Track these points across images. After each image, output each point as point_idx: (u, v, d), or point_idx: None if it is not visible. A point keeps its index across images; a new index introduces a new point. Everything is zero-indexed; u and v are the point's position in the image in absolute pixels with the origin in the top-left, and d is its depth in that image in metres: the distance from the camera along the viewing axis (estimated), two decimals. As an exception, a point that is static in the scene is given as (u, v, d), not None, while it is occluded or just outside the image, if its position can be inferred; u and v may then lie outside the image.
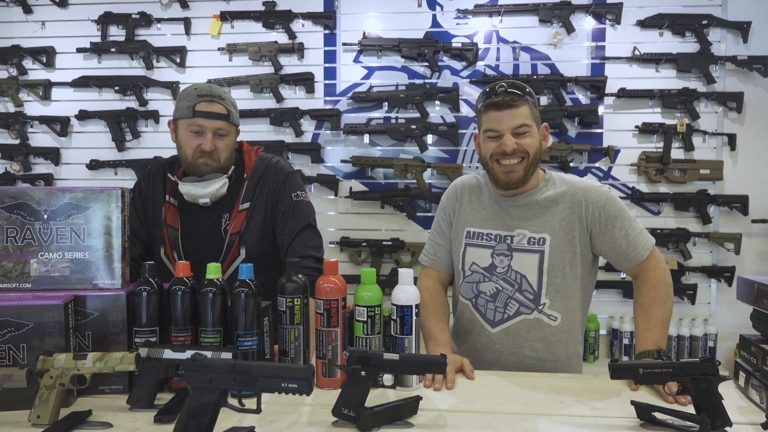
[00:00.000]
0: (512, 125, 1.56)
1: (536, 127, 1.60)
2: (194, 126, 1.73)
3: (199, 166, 1.75)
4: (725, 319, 3.12)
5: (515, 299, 1.63)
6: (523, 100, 1.56)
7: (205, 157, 1.74)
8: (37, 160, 3.40)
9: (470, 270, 1.69)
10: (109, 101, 3.37)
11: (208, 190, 1.74)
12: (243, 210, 1.79)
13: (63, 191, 1.38)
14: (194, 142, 1.73)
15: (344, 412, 1.15)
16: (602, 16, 3.16)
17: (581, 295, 1.66)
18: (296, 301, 1.36)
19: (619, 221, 1.61)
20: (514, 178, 1.59)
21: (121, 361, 1.20)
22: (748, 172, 3.14)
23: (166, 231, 1.79)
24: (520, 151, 1.57)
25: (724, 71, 3.13)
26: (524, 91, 1.58)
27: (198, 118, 1.72)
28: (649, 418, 1.17)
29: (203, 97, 1.73)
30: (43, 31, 3.39)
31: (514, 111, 1.55)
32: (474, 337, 1.70)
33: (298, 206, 1.82)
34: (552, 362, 1.63)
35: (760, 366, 1.30)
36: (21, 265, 1.36)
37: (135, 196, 1.87)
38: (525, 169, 1.59)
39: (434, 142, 3.26)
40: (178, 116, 1.76)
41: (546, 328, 1.62)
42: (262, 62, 3.29)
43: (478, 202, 1.73)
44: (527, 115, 1.56)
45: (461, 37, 3.23)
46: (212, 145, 1.73)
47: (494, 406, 1.28)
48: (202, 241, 1.78)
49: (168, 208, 1.81)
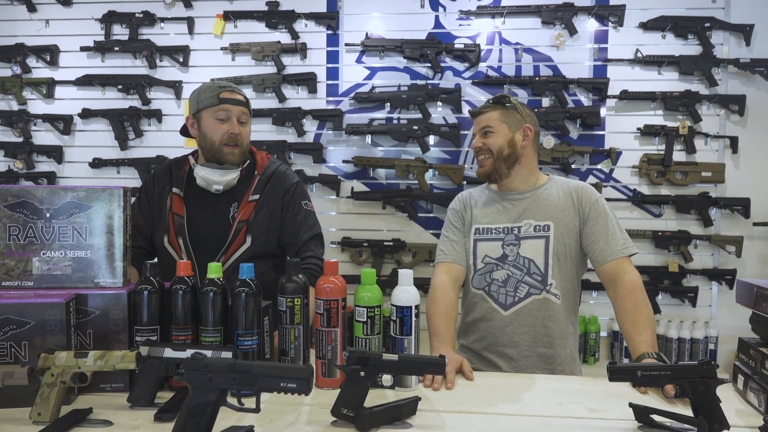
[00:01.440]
0: (479, 127, 1.87)
1: (507, 128, 1.83)
2: (220, 112, 1.84)
3: (225, 154, 1.85)
4: (726, 321, 3.11)
5: (525, 282, 1.78)
6: (491, 108, 1.85)
7: (231, 145, 1.85)
8: (41, 158, 3.42)
9: (483, 262, 1.83)
10: (112, 100, 3.38)
11: (224, 178, 1.85)
12: (252, 201, 1.88)
13: (65, 190, 1.38)
14: (222, 127, 1.84)
15: (343, 412, 1.16)
16: (605, 18, 3.16)
17: (576, 280, 1.84)
18: (296, 300, 1.36)
19: (603, 220, 1.78)
20: (483, 171, 1.87)
21: (122, 359, 1.21)
22: (750, 175, 3.14)
23: (171, 218, 1.87)
24: (485, 149, 1.84)
25: (727, 74, 3.13)
26: (498, 101, 1.86)
27: (224, 104, 1.84)
28: (646, 420, 1.17)
29: (224, 88, 1.87)
30: (47, 30, 3.41)
31: (482, 117, 1.86)
32: (488, 323, 1.81)
33: (309, 216, 1.95)
34: (559, 338, 1.76)
35: (758, 369, 1.30)
36: (23, 263, 1.37)
37: (141, 195, 1.97)
38: (493, 163, 1.84)
39: (436, 143, 3.26)
40: (201, 107, 1.86)
41: (553, 306, 1.77)
42: (265, 62, 3.30)
43: (483, 204, 1.91)
44: (494, 119, 1.84)
45: (464, 38, 3.24)
46: (238, 128, 1.85)
47: (493, 407, 1.28)
48: (208, 227, 1.87)
49: (173, 198, 1.90)
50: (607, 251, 1.75)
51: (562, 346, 1.77)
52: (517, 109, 1.85)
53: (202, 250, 1.81)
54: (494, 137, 1.83)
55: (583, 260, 1.85)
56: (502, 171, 1.84)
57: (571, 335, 1.81)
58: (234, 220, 1.85)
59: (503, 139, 1.83)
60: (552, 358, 1.76)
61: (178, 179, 1.93)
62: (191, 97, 1.92)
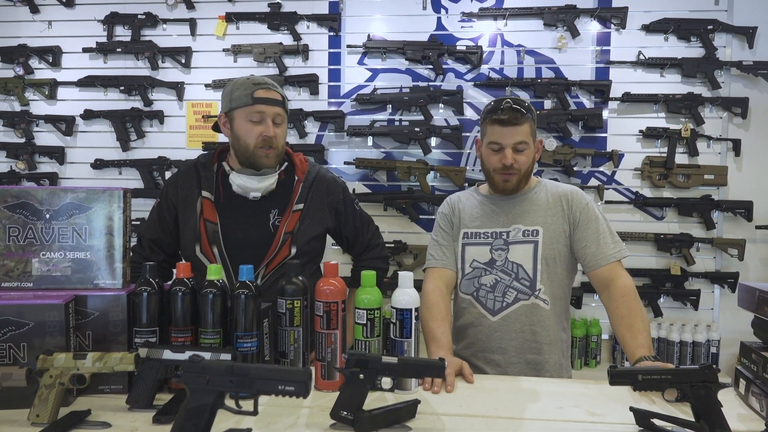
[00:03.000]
0: (513, 141, 1.73)
1: (532, 143, 1.77)
2: (254, 114, 1.72)
3: (260, 157, 1.75)
4: (728, 325, 3.10)
5: (513, 287, 1.76)
6: (525, 118, 1.72)
7: (266, 148, 1.74)
8: (42, 159, 3.42)
9: (471, 267, 1.81)
10: (114, 101, 3.39)
11: (262, 184, 1.76)
12: (297, 210, 1.80)
13: (65, 191, 1.38)
14: (256, 129, 1.73)
15: (342, 415, 1.15)
16: (607, 20, 3.16)
17: (567, 285, 1.82)
18: (296, 303, 1.36)
19: (594, 225, 1.76)
20: (509, 186, 1.79)
21: (121, 361, 1.20)
22: (753, 178, 3.13)
23: (203, 225, 1.75)
24: (515, 168, 1.75)
25: (729, 76, 3.12)
26: (527, 108, 1.73)
27: (258, 104, 1.72)
28: (647, 424, 1.16)
29: (260, 85, 1.74)
30: (50, 31, 3.41)
31: (516, 128, 1.72)
32: (476, 329, 1.79)
33: (363, 216, 1.99)
34: (547, 344, 1.74)
35: (760, 373, 1.29)
36: (23, 264, 1.37)
37: (162, 203, 1.84)
38: (518, 180, 1.77)
39: (438, 145, 3.26)
40: (235, 106, 1.74)
41: (542, 311, 1.75)
42: (267, 63, 3.30)
43: (471, 207, 1.87)
44: (527, 133, 1.73)
45: (466, 40, 3.24)
46: (273, 131, 1.74)
47: (493, 411, 1.28)
48: (246, 235, 1.77)
49: (204, 203, 1.77)
50: (599, 256, 1.72)
51: (550, 353, 1.74)
52: (534, 119, 1.77)
53: (240, 259, 1.62)
54: (526, 155, 1.75)
55: (574, 265, 1.82)
56: (521, 187, 1.80)
57: (560, 341, 1.78)
58: (277, 229, 1.77)
59: (530, 156, 1.77)
60: (540, 364, 1.73)
61: (207, 182, 1.80)
62: (224, 93, 1.79)
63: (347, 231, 1.94)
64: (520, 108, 1.71)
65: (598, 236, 1.74)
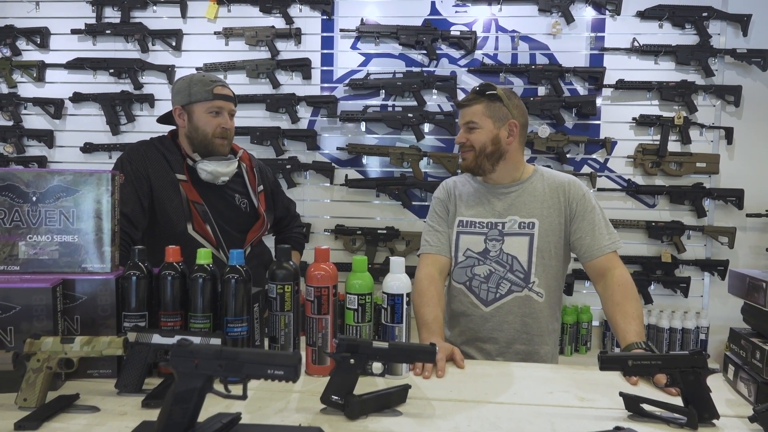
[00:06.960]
0: (464, 120, 1.79)
1: (491, 123, 1.76)
2: (213, 108, 1.92)
3: (217, 146, 1.94)
4: (718, 312, 3.13)
5: (507, 279, 1.76)
6: (478, 100, 1.76)
7: (221, 137, 1.94)
8: (31, 142, 3.38)
9: (464, 255, 1.80)
10: (103, 84, 3.34)
11: (229, 169, 1.97)
12: (261, 191, 2.09)
13: (52, 173, 1.36)
14: (214, 121, 1.92)
15: (333, 400, 1.15)
16: (602, 7, 3.14)
17: (561, 277, 1.82)
18: (287, 288, 1.35)
19: (590, 216, 1.76)
20: (466, 164, 1.80)
21: (109, 345, 1.19)
22: (744, 166, 3.14)
23: (193, 207, 1.90)
24: (468, 145, 1.77)
25: (723, 64, 3.12)
26: (486, 92, 1.76)
27: (218, 100, 1.92)
28: (636, 409, 1.17)
29: (216, 83, 1.94)
30: (38, 12, 3.35)
31: (467, 109, 1.78)
32: (468, 318, 1.79)
33: (282, 192, 2.31)
34: (539, 336, 1.76)
35: (749, 359, 1.30)
36: (9, 247, 1.35)
37: (129, 176, 1.86)
38: (474, 158, 1.77)
39: (431, 131, 3.24)
40: (194, 100, 1.92)
41: (535, 303, 1.75)
42: (259, 47, 3.26)
43: (467, 195, 1.86)
44: (479, 113, 1.76)
45: (460, 25, 3.21)
46: (229, 123, 1.97)
47: (483, 396, 1.28)
48: (229, 215, 1.99)
49: (185, 186, 1.92)
50: (594, 247, 1.73)
51: (540, 344, 1.76)
52: (503, 102, 1.75)
53: (230, 238, 1.95)
54: (478, 133, 1.76)
55: (568, 256, 1.83)
56: (485, 167, 1.78)
57: (552, 332, 1.79)
58: (251, 209, 2.03)
59: (487, 135, 1.75)
60: (530, 355, 1.75)
61: (177, 165, 1.94)
62: (179, 88, 1.95)
63: (280, 208, 2.24)
64: (478, 90, 1.77)
65: (594, 227, 1.74)
